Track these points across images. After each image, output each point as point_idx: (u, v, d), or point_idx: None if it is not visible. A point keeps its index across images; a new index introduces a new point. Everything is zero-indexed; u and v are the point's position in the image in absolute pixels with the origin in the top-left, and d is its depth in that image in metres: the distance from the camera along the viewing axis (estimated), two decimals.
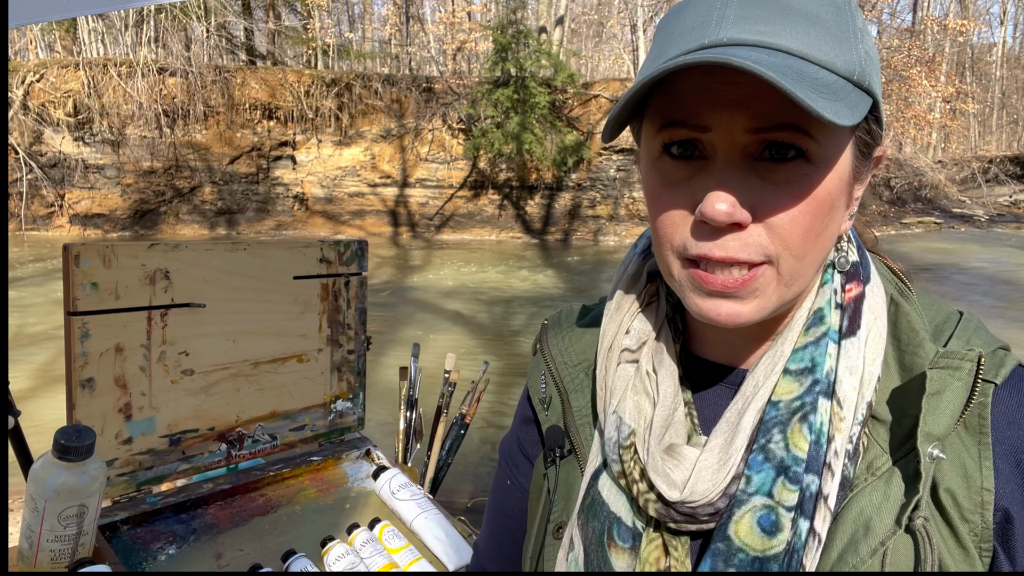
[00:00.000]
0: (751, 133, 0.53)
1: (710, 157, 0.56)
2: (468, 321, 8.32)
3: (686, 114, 0.55)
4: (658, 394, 0.63)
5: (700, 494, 0.57)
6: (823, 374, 0.57)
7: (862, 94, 0.54)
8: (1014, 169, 20.10)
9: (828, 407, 0.57)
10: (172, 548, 1.33)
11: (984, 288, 10.44)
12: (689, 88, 0.54)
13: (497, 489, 0.82)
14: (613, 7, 29.78)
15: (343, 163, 14.83)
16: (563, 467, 0.70)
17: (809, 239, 0.55)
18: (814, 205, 0.55)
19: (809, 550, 0.54)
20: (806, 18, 0.53)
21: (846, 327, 0.59)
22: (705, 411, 0.65)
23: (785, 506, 0.54)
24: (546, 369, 0.75)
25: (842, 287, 0.62)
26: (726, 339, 0.66)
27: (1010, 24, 33.60)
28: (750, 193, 0.54)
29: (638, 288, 0.70)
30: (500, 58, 14.40)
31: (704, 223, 0.55)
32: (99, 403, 1.34)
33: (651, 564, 0.59)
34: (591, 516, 0.63)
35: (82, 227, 13.95)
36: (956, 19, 23.80)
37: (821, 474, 0.55)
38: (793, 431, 0.56)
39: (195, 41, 15.80)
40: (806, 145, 0.53)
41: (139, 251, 1.36)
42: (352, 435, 1.76)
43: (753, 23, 0.53)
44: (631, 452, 0.61)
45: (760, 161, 0.55)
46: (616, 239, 14.89)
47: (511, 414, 0.86)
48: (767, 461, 0.56)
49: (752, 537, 0.54)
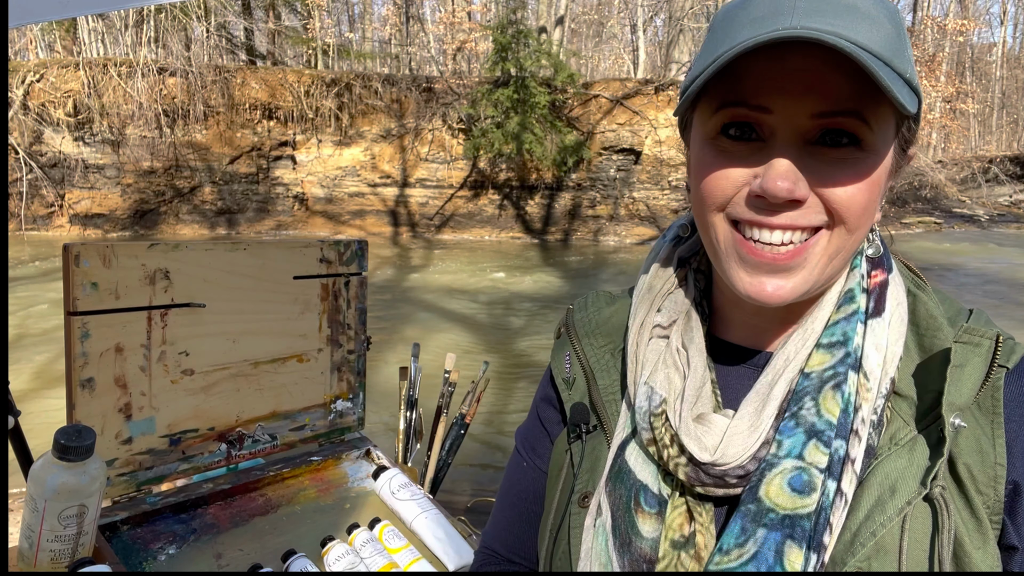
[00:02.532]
0: (815, 118, 0.57)
1: (767, 139, 0.59)
2: (468, 321, 8.32)
3: (747, 95, 0.58)
4: (688, 367, 0.66)
5: (731, 457, 0.59)
6: (853, 348, 0.61)
7: (912, 93, 0.57)
8: (1014, 169, 20.08)
9: (856, 379, 0.60)
10: (172, 548, 1.33)
11: (984, 288, 10.44)
12: (753, 72, 0.57)
13: (512, 472, 0.84)
14: (613, 7, 29.79)
15: (343, 163, 14.83)
16: (589, 441, 0.73)
17: (865, 216, 0.59)
18: (869, 185, 0.58)
19: (836, 509, 0.56)
20: (869, 18, 0.56)
21: (872, 308, 0.64)
22: (728, 390, 0.68)
23: (818, 467, 0.57)
24: (572, 350, 0.78)
25: (868, 273, 0.66)
26: (752, 322, 0.69)
27: (1010, 24, 33.62)
28: (809, 172, 0.57)
29: (668, 272, 0.73)
30: (500, 58, 14.39)
31: (760, 197, 0.58)
32: (99, 403, 1.34)
33: (675, 529, 0.61)
34: (618, 483, 0.65)
35: (82, 227, 13.95)
36: (956, 19, 23.80)
37: (848, 439, 0.58)
38: (826, 398, 0.59)
39: (195, 41, 15.79)
40: (862, 133, 0.57)
41: (139, 251, 1.36)
42: (352, 435, 1.76)
43: (824, 16, 0.55)
44: (662, 419, 0.63)
45: (815, 145, 0.58)
46: (616, 239, 14.89)
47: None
48: (798, 426, 0.59)
49: (782, 496, 0.57)
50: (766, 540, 0.56)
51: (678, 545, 0.61)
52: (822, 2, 0.56)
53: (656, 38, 27.92)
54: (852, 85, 0.55)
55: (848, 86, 0.55)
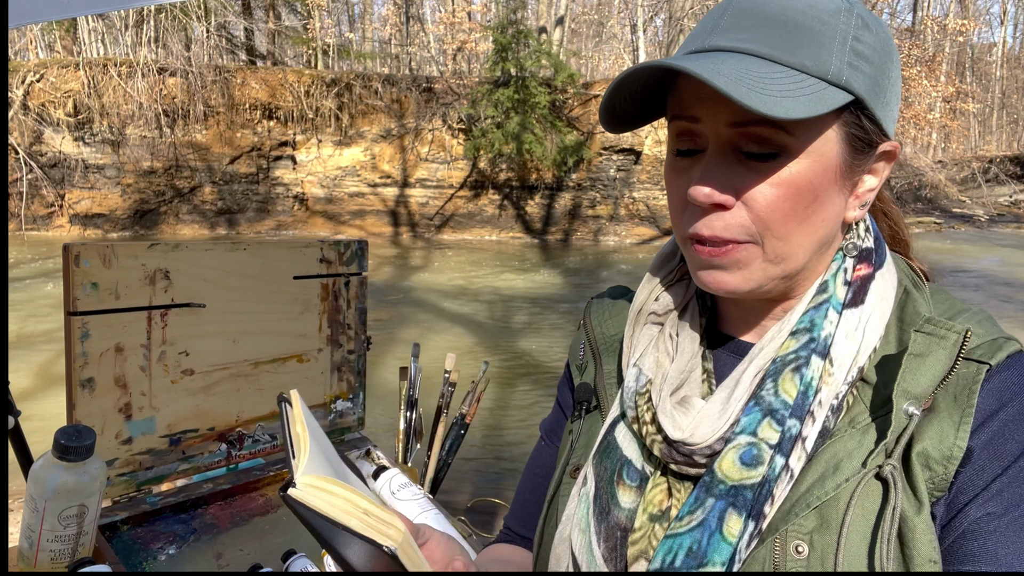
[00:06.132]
0: (733, 127, 0.60)
1: (705, 149, 0.63)
2: (468, 321, 8.32)
3: (681, 107, 0.64)
4: (677, 352, 0.71)
5: (699, 437, 0.63)
6: (819, 335, 0.64)
7: (837, 91, 0.59)
8: (1014, 169, 20.08)
9: (820, 365, 0.63)
10: (172, 548, 1.33)
11: (984, 288, 10.44)
12: (686, 86, 0.63)
13: (533, 455, 0.90)
14: (613, 7, 29.79)
15: (343, 163, 14.83)
16: (587, 420, 0.78)
17: (791, 223, 0.62)
18: (793, 192, 0.61)
19: (780, 482, 0.60)
20: (785, 26, 0.59)
21: (850, 299, 0.66)
22: (721, 378, 0.72)
23: (768, 443, 0.60)
24: (586, 339, 0.84)
25: (852, 268, 0.68)
26: (746, 317, 0.73)
27: (1010, 24, 33.61)
28: (734, 179, 0.62)
29: (671, 265, 0.78)
30: (500, 58, 14.39)
31: (695, 205, 0.63)
32: (99, 403, 1.34)
33: (655, 504, 0.65)
34: (604, 457, 0.70)
35: (82, 227, 13.95)
36: (956, 19, 23.80)
37: (803, 420, 0.61)
38: (784, 379, 0.63)
39: (195, 41, 15.79)
40: (780, 139, 0.60)
41: (139, 251, 1.36)
42: (352, 435, 1.76)
43: (736, 32, 0.61)
44: (645, 398, 0.68)
45: (742, 152, 0.61)
46: (616, 239, 14.89)
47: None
48: (757, 406, 0.62)
49: (732, 469, 0.60)
50: (712, 508, 0.60)
51: (655, 518, 0.64)
52: (745, 17, 0.61)
53: (656, 38, 27.92)
54: None
55: None
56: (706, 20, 0.64)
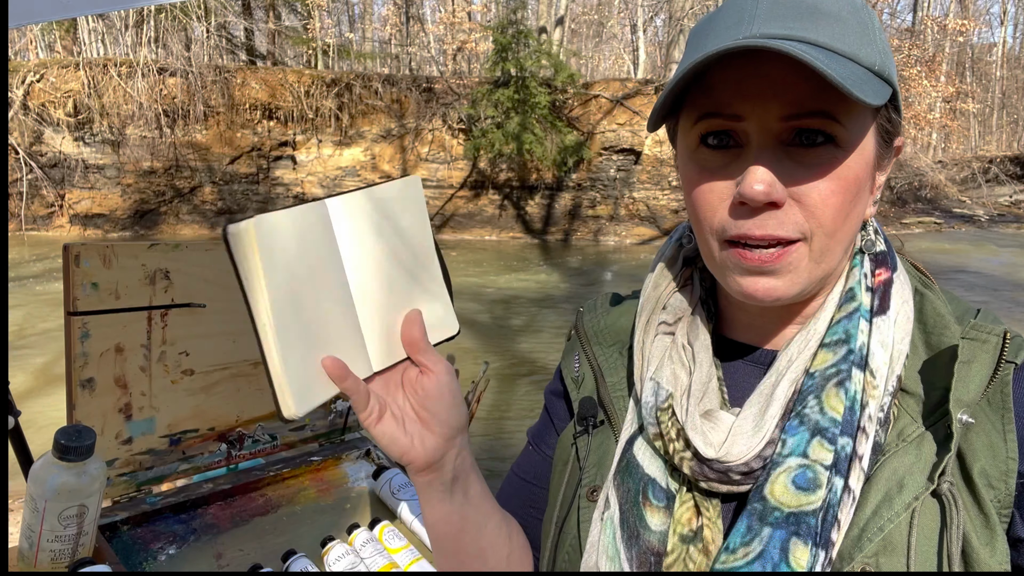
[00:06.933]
0: (783, 121, 0.58)
1: (744, 145, 0.60)
2: (468, 321, 8.32)
3: (720, 105, 0.60)
4: (694, 363, 0.67)
5: (735, 456, 0.60)
6: (856, 346, 0.61)
7: (882, 83, 0.59)
8: (1014, 169, 20.08)
9: (862, 377, 0.60)
10: (172, 548, 1.33)
11: (985, 288, 10.44)
12: (722, 82, 0.59)
13: (521, 459, 0.86)
14: (613, 7, 29.78)
15: (343, 163, 14.83)
16: (596, 436, 0.74)
17: (840, 217, 0.60)
18: (844, 185, 0.59)
19: (844, 506, 0.57)
20: (829, 16, 0.58)
21: (877, 306, 0.64)
22: (734, 388, 0.69)
23: (823, 464, 0.57)
24: (580, 351, 0.80)
25: (872, 272, 0.66)
26: (757, 322, 0.70)
27: (1010, 24, 33.61)
28: (784, 175, 0.58)
29: (674, 271, 0.75)
30: (500, 58, 14.38)
31: (742, 204, 0.59)
32: (99, 403, 1.34)
33: (684, 524, 0.62)
34: (626, 477, 0.66)
35: (82, 227, 13.95)
36: (956, 19, 23.80)
37: (855, 436, 0.58)
38: (829, 395, 0.60)
39: (195, 41, 15.78)
40: (834, 131, 0.58)
41: (139, 251, 1.36)
42: (352, 435, 1.76)
43: (782, 20, 0.57)
44: (668, 414, 0.64)
45: (791, 147, 0.59)
46: (616, 239, 14.89)
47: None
48: (802, 425, 0.59)
49: (787, 495, 0.57)
50: (771, 538, 0.56)
51: (687, 539, 0.61)
52: (782, 6, 0.58)
53: (656, 38, 27.94)
54: (815, 85, 0.56)
55: (811, 87, 0.56)
56: (731, 12, 0.60)
